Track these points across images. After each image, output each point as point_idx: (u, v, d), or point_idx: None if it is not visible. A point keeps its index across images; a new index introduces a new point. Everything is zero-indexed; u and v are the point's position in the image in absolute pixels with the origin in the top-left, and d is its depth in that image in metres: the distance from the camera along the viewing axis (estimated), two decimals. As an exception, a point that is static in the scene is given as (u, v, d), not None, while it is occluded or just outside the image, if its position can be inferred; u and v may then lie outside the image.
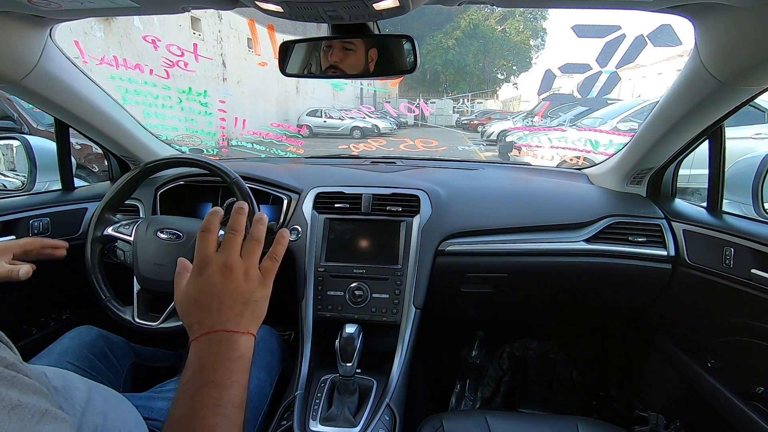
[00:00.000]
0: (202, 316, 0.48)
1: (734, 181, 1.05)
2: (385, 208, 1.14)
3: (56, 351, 0.86)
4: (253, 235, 0.53)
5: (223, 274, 0.49)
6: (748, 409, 0.94)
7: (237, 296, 0.49)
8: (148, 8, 0.77)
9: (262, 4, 0.64)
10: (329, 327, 1.06)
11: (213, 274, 0.49)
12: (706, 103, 0.86)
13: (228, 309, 0.48)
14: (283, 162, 1.67)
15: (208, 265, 0.49)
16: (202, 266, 0.50)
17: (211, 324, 0.47)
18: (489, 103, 16.86)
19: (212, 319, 0.47)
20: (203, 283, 0.49)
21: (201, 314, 0.48)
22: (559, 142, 3.52)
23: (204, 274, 0.49)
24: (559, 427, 0.84)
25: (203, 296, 0.48)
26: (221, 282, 0.48)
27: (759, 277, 0.87)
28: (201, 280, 0.49)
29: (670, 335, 1.26)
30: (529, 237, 1.15)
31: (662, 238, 1.12)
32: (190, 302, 0.49)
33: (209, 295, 0.48)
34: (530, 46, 18.60)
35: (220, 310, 0.48)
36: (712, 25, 0.71)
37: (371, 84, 8.04)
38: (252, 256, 0.52)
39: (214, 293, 0.48)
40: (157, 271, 0.96)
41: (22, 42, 0.85)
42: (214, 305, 0.48)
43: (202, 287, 0.49)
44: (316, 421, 0.86)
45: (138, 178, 1.03)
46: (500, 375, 1.56)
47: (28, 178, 1.32)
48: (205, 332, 0.47)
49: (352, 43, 0.84)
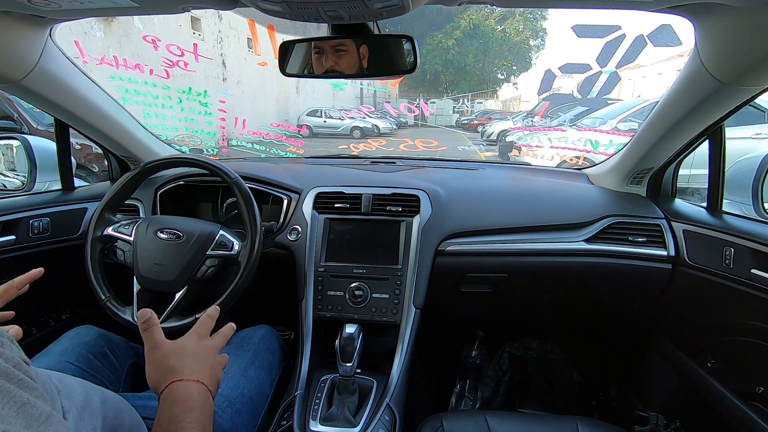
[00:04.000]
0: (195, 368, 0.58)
1: (734, 181, 1.05)
2: (385, 208, 1.14)
3: (56, 351, 0.86)
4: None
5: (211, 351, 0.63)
6: (748, 409, 0.94)
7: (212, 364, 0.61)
8: (148, 8, 0.77)
9: (262, 4, 0.64)
10: (329, 327, 1.06)
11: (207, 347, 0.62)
12: (706, 103, 0.86)
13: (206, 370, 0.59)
14: (283, 162, 1.67)
15: (207, 340, 0.64)
16: (203, 336, 0.63)
17: (193, 374, 0.57)
18: (489, 103, 16.85)
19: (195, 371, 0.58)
20: (201, 348, 0.61)
21: (193, 366, 0.59)
22: (559, 142, 3.52)
23: (203, 343, 0.62)
24: (559, 427, 0.84)
25: (198, 356, 0.60)
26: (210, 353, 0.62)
27: (759, 277, 0.87)
28: (200, 345, 0.62)
29: (670, 335, 1.26)
30: (529, 237, 1.15)
31: (662, 238, 1.12)
32: (186, 355, 0.60)
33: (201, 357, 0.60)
34: (530, 46, 18.59)
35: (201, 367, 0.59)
36: (712, 25, 0.71)
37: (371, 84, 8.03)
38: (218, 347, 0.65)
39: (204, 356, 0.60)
40: (157, 271, 0.96)
41: (22, 42, 0.85)
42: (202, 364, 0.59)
43: (200, 351, 0.61)
44: (316, 421, 0.86)
45: (138, 178, 1.03)
46: (500, 375, 1.56)
47: (28, 178, 1.32)
48: (189, 379, 0.56)
49: (343, 44, 0.83)
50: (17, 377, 0.33)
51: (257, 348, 0.96)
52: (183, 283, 0.96)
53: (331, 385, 0.93)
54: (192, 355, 0.59)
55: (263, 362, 0.94)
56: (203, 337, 0.63)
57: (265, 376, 0.92)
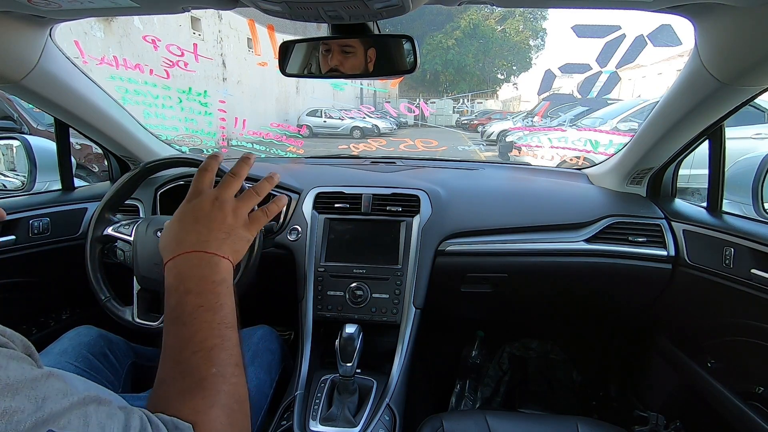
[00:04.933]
0: (183, 236, 0.48)
1: (734, 181, 1.05)
2: (385, 208, 1.14)
3: (56, 351, 0.86)
4: (254, 187, 0.55)
5: (212, 204, 0.50)
6: (748, 409, 0.94)
7: (221, 225, 0.49)
8: (148, 8, 0.77)
9: (262, 4, 0.64)
10: (329, 327, 1.06)
11: (203, 202, 0.50)
12: (706, 103, 0.86)
13: (209, 233, 0.48)
14: (283, 162, 1.67)
15: (200, 195, 0.51)
16: (193, 196, 0.52)
17: (191, 244, 0.47)
18: (489, 103, 16.86)
19: (191, 239, 0.48)
20: (191, 208, 0.50)
21: (181, 234, 0.48)
22: (559, 142, 3.52)
23: (193, 201, 0.51)
24: (559, 427, 0.84)
25: (187, 218, 0.49)
26: (209, 210, 0.50)
27: (759, 277, 0.87)
28: (189, 205, 0.51)
29: (670, 335, 1.26)
30: (529, 237, 1.15)
31: (662, 238, 1.12)
32: (173, 223, 0.50)
33: (194, 219, 0.49)
34: (530, 46, 18.61)
35: (201, 233, 0.48)
36: (712, 25, 0.71)
37: (371, 84, 8.03)
38: (245, 201, 0.53)
39: (200, 217, 0.49)
40: (157, 271, 0.95)
41: (22, 42, 0.85)
42: (197, 227, 0.49)
43: (189, 211, 0.50)
44: (316, 421, 0.86)
45: (138, 178, 1.03)
46: (500, 375, 1.56)
47: (28, 178, 1.32)
48: (185, 251, 0.47)
49: (351, 45, 0.83)
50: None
51: (257, 348, 0.96)
52: (183, 283, 0.95)
53: (331, 385, 0.93)
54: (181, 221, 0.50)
55: (263, 362, 0.94)
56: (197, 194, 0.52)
57: (265, 376, 0.92)
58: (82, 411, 0.32)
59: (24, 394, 0.29)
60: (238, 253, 0.51)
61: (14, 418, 0.27)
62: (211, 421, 0.40)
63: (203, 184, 0.53)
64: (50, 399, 0.30)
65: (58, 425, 0.29)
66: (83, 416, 0.31)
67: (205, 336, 0.43)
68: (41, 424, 0.28)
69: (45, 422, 0.29)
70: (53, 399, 0.30)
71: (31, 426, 0.28)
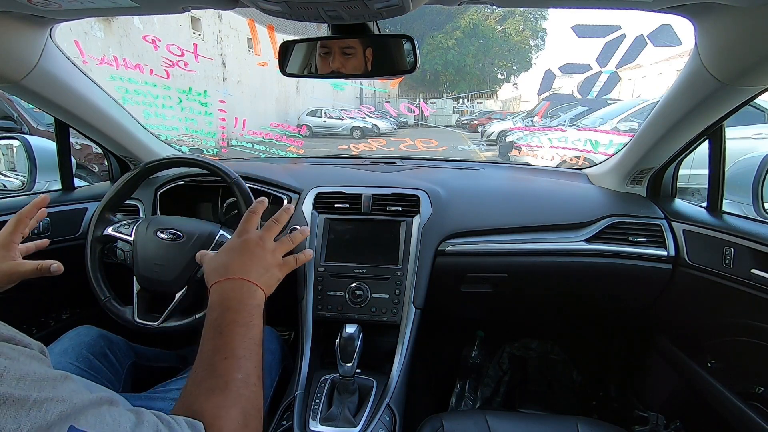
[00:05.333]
0: (230, 265, 0.58)
1: (734, 181, 1.05)
2: (385, 208, 1.14)
3: (56, 351, 0.86)
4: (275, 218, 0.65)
5: (257, 243, 0.61)
6: (748, 409, 0.94)
7: (262, 261, 0.60)
8: (148, 8, 0.77)
9: (262, 4, 0.64)
10: (329, 327, 1.06)
11: (249, 240, 0.61)
12: (706, 103, 0.86)
13: (252, 266, 0.59)
14: (283, 162, 1.67)
15: (247, 233, 0.62)
16: (242, 233, 0.62)
17: (235, 272, 0.57)
18: (489, 103, 16.87)
19: (236, 269, 0.58)
20: (239, 243, 0.61)
21: (229, 263, 0.59)
22: (559, 142, 3.52)
23: (243, 237, 0.62)
24: (559, 427, 0.84)
25: (235, 252, 0.60)
26: (254, 247, 0.60)
27: (759, 277, 0.87)
28: (238, 241, 0.61)
29: (670, 335, 1.26)
30: (529, 237, 1.15)
31: (662, 238, 1.12)
32: (222, 253, 0.61)
33: (240, 252, 0.60)
34: (530, 46, 18.61)
35: (245, 264, 0.58)
36: (712, 25, 0.71)
37: (371, 84, 8.04)
38: (281, 247, 0.64)
39: (245, 252, 0.60)
40: (157, 271, 0.96)
41: (22, 42, 0.85)
42: (242, 259, 0.59)
43: (237, 246, 0.61)
44: (316, 421, 0.86)
45: (138, 178, 1.03)
46: (500, 375, 1.56)
47: (28, 178, 1.32)
48: (231, 277, 0.57)
49: (351, 47, 0.84)
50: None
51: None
52: (183, 283, 0.96)
53: (331, 385, 0.93)
54: (230, 253, 0.60)
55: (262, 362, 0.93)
56: (245, 233, 0.63)
57: (265, 376, 0.92)
58: (96, 410, 0.34)
59: (48, 390, 0.32)
60: (271, 288, 0.61)
61: (44, 406, 0.31)
62: (231, 420, 0.45)
63: (251, 224, 0.64)
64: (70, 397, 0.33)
65: (77, 422, 0.32)
66: (98, 415, 0.34)
67: (236, 346, 0.51)
68: (65, 417, 0.31)
69: (68, 417, 0.32)
70: (72, 397, 0.33)
71: (57, 417, 0.31)
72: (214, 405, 0.45)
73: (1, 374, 0.30)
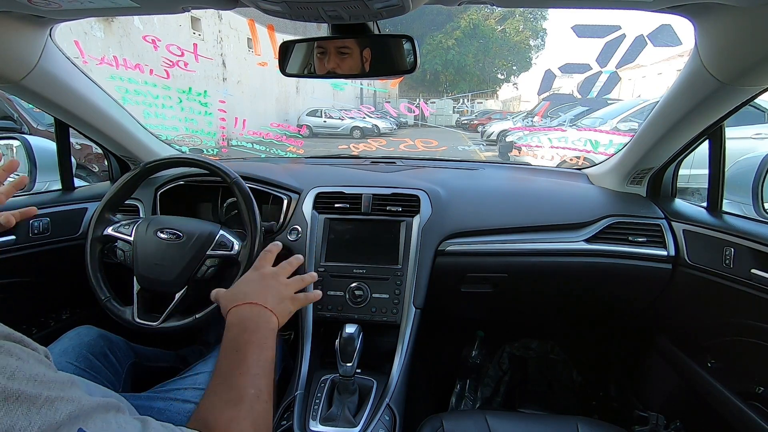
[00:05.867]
0: (248, 292, 0.65)
1: (734, 181, 1.05)
2: (385, 208, 1.14)
3: (56, 351, 0.85)
4: (289, 262, 0.75)
5: (273, 277, 0.70)
6: (748, 409, 0.94)
7: (277, 293, 0.67)
8: (148, 8, 0.77)
9: (262, 4, 0.64)
10: (329, 327, 1.06)
11: (266, 274, 0.70)
12: (706, 103, 0.86)
13: (269, 296, 0.65)
14: (283, 162, 1.67)
15: (264, 268, 0.72)
16: (259, 267, 0.72)
17: (253, 298, 0.64)
18: (489, 103, 16.87)
19: (254, 296, 0.64)
20: (257, 275, 0.70)
21: (248, 290, 0.66)
22: (559, 142, 3.52)
23: (260, 271, 0.71)
24: (559, 427, 0.84)
25: (253, 281, 0.68)
26: (269, 280, 0.69)
27: (759, 277, 0.87)
28: (257, 273, 0.70)
29: (670, 335, 1.26)
30: (529, 237, 1.15)
31: (662, 238, 1.12)
32: (242, 284, 0.68)
33: (257, 282, 0.68)
34: (530, 46, 18.62)
35: (262, 292, 0.65)
36: (712, 25, 0.71)
37: (371, 84, 8.04)
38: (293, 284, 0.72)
39: (261, 282, 0.68)
40: (157, 271, 0.96)
41: (22, 42, 0.85)
42: (260, 288, 0.66)
43: (255, 277, 0.69)
44: (316, 421, 0.86)
45: (138, 178, 1.03)
46: (500, 375, 1.56)
47: (28, 178, 1.32)
48: (249, 302, 0.63)
49: (347, 47, 0.84)
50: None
51: None
52: (183, 283, 0.96)
53: (331, 385, 0.93)
54: (248, 283, 0.68)
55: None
56: (261, 267, 0.72)
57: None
58: (103, 416, 0.35)
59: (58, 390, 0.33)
60: (284, 318, 0.66)
61: (54, 405, 0.31)
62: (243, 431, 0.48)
63: (267, 261, 0.73)
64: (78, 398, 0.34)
65: (86, 425, 0.33)
66: (105, 420, 0.35)
67: (251, 364, 0.55)
68: (74, 418, 0.32)
69: (77, 418, 0.32)
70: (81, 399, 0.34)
71: (66, 417, 0.32)
72: (228, 418, 0.49)
73: (12, 372, 0.30)
